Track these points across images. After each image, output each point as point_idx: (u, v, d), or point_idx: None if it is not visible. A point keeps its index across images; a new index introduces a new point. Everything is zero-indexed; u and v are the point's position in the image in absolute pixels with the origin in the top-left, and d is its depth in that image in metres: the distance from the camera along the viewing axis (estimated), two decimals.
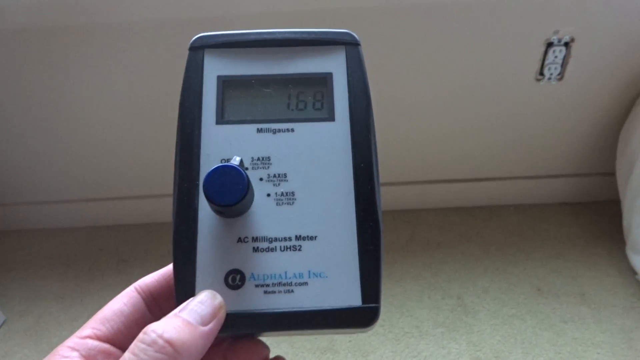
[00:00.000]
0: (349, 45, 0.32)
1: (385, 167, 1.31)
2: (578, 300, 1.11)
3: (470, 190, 1.36)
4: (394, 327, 1.08)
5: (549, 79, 1.15)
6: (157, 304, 0.30)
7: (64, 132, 1.25)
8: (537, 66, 1.13)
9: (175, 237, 0.28)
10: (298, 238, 0.29)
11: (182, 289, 0.28)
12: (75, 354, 0.26)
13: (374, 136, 0.31)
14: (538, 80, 1.15)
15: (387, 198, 1.33)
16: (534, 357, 1.00)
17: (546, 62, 1.12)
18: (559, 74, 1.14)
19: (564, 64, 1.13)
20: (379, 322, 0.97)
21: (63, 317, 1.16)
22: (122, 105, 1.20)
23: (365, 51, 0.33)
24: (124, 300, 0.29)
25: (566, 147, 1.29)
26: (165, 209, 1.38)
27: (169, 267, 0.31)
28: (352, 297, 0.28)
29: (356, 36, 0.33)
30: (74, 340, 0.27)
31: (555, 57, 1.11)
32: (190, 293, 0.27)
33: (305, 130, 0.31)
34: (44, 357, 0.26)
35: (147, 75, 1.15)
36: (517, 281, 1.16)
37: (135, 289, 0.30)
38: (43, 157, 1.30)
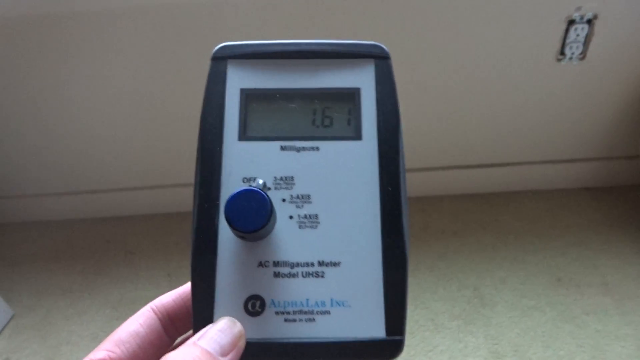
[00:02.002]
0: (379, 58, 0.31)
1: None
2: (600, 290, 1.07)
3: (487, 176, 1.32)
4: (408, 320, 1.04)
5: (570, 58, 1.09)
6: (174, 324, 0.29)
7: (69, 124, 1.23)
8: (558, 45, 1.08)
9: (194, 259, 0.28)
10: (321, 264, 0.28)
11: (200, 314, 0.27)
12: None
13: (403, 158, 0.29)
14: (559, 60, 1.10)
15: None
16: (554, 351, 0.97)
17: (567, 40, 1.07)
18: (580, 53, 1.09)
19: (586, 43, 1.07)
20: None
21: (71, 311, 1.15)
22: (127, 95, 1.18)
23: (381, 28, 0.29)
24: (140, 321, 0.28)
25: (587, 129, 1.24)
26: (172, 200, 1.37)
27: (187, 286, 0.30)
28: (375, 328, 0.27)
29: (386, 49, 0.31)
30: None
31: (577, 35, 1.06)
32: (209, 318, 0.27)
33: (331, 149, 0.29)
34: (53, 351, 0.24)
35: (150, 63, 1.12)
36: (536, 271, 1.12)
37: (152, 309, 0.29)
38: (48, 149, 1.28)
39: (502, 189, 1.34)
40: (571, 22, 1.04)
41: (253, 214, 0.26)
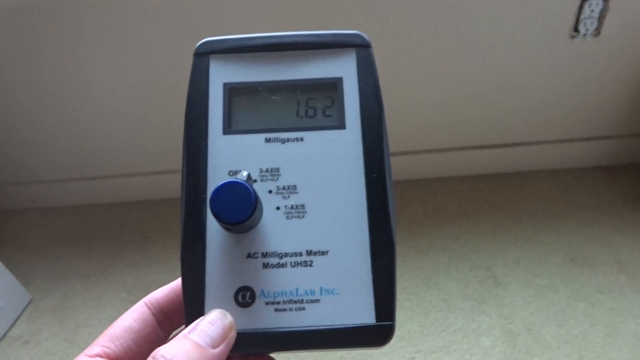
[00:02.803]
0: (360, 47, 0.31)
1: (410, 134, 1.27)
2: (615, 269, 1.07)
3: (499, 156, 1.31)
4: (421, 301, 1.05)
5: (584, 35, 1.08)
6: (168, 319, 0.30)
7: (85, 111, 1.24)
8: (572, 22, 1.06)
9: (184, 254, 0.28)
10: (309, 253, 0.28)
11: (191, 307, 0.27)
12: None
13: (387, 144, 0.29)
14: (572, 37, 1.08)
15: (412, 166, 1.30)
16: (568, 330, 0.97)
17: (581, 17, 1.05)
18: (595, 30, 1.07)
19: (600, 19, 1.05)
20: (405, 295, 0.94)
21: (88, 295, 1.17)
22: (142, 80, 1.18)
23: (389, 9, 0.29)
24: (134, 316, 0.29)
25: (601, 107, 1.22)
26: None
27: (178, 281, 0.30)
28: (365, 314, 0.27)
29: (367, 37, 0.31)
30: (82, 358, 0.26)
31: (592, 11, 1.04)
32: (200, 311, 0.27)
33: (315, 139, 0.30)
34: (71, 334, 0.25)
35: (164, 48, 1.12)
36: (549, 250, 1.12)
37: (145, 304, 0.29)
38: (64, 135, 1.29)
39: (515, 169, 1.33)
40: None
41: (238, 205, 0.26)
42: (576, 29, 1.07)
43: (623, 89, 1.18)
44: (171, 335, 0.29)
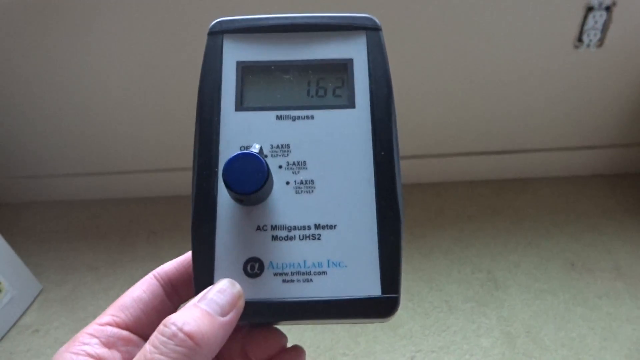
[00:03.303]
0: (370, 30, 0.32)
1: (415, 139, 1.29)
2: (613, 275, 1.09)
3: (502, 162, 1.33)
4: (423, 302, 1.07)
5: (588, 45, 1.10)
6: (176, 291, 0.30)
7: (97, 106, 1.26)
8: (576, 32, 1.08)
9: (194, 225, 0.28)
10: (317, 227, 0.28)
11: (200, 277, 0.27)
12: (95, 340, 0.26)
13: (395, 124, 0.30)
14: (576, 47, 1.10)
15: (416, 171, 1.33)
16: (566, 333, 0.99)
17: (585, 27, 1.07)
18: (598, 40, 1.09)
19: (604, 30, 1.07)
20: (408, 296, 0.96)
21: (97, 287, 1.19)
22: (153, 77, 1.20)
23: (397, 19, 0.31)
24: (143, 288, 0.29)
25: (603, 116, 1.24)
26: None
27: (188, 255, 0.30)
28: (371, 287, 0.27)
29: (377, 21, 0.32)
30: (93, 327, 0.27)
31: (596, 22, 1.06)
32: (209, 281, 0.27)
33: (325, 118, 0.30)
34: (81, 324, 0.26)
35: (174, 44, 1.14)
36: (549, 256, 1.14)
37: (154, 276, 0.30)
38: (77, 130, 1.32)
39: (517, 176, 1.35)
40: (590, 9, 1.05)
41: (250, 176, 0.26)
42: (580, 39, 1.09)
43: (624, 98, 1.20)
44: (180, 308, 0.29)
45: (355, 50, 0.31)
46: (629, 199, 1.26)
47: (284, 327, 0.29)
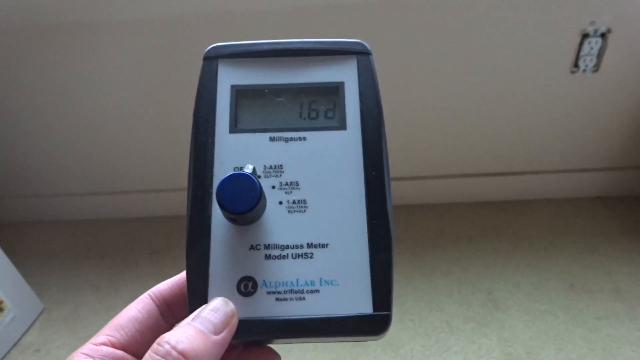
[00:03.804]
0: (361, 54, 0.32)
1: (416, 160, 1.31)
2: (612, 296, 1.09)
3: (502, 184, 1.35)
4: (423, 322, 1.08)
5: (584, 70, 1.12)
6: (171, 311, 0.30)
7: (103, 126, 1.28)
8: (572, 58, 1.11)
9: (189, 245, 0.29)
10: (310, 246, 0.29)
11: (194, 296, 0.28)
12: None
13: (386, 145, 0.31)
14: (572, 72, 1.13)
15: (417, 191, 1.34)
16: (566, 354, 0.99)
17: (581, 53, 1.10)
18: (594, 66, 1.12)
19: (599, 56, 1.10)
20: (408, 316, 0.97)
21: (99, 306, 1.20)
22: (155, 98, 1.22)
23: (398, 44, 0.33)
24: (138, 307, 0.29)
25: (600, 140, 1.26)
26: None
27: (182, 274, 0.31)
28: (363, 304, 0.28)
29: (367, 46, 0.33)
30: (89, 347, 0.27)
31: (591, 48, 1.09)
32: (203, 300, 0.28)
33: (317, 139, 0.31)
34: (82, 344, 0.27)
35: (172, 66, 1.16)
36: (549, 277, 1.15)
37: (149, 296, 0.30)
38: (81, 150, 1.34)
39: (517, 197, 1.36)
40: (585, 36, 1.07)
41: (243, 196, 0.27)
42: (576, 65, 1.12)
43: (621, 122, 1.22)
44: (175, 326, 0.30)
45: (346, 74, 0.32)
46: (627, 221, 1.27)
47: (278, 346, 0.30)
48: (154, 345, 0.24)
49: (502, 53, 1.11)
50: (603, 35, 1.07)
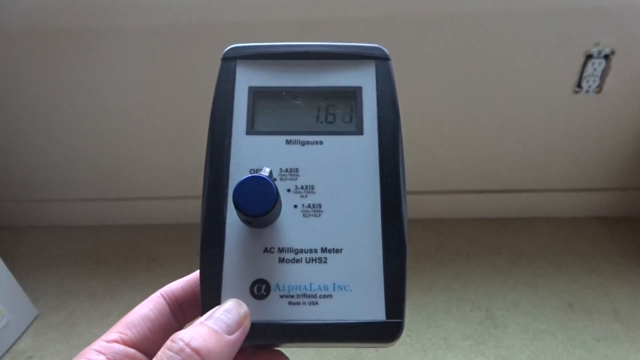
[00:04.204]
0: (379, 59, 0.32)
1: (417, 176, 1.31)
2: (611, 317, 1.09)
3: (502, 201, 1.35)
4: (421, 338, 1.07)
5: (587, 91, 1.13)
6: (182, 310, 0.30)
7: (100, 133, 1.28)
8: (576, 78, 1.12)
9: (203, 245, 0.29)
10: (324, 250, 0.29)
11: (208, 296, 0.28)
12: (102, 357, 0.26)
13: (402, 151, 0.31)
14: (575, 92, 1.13)
15: (417, 207, 1.34)
16: None
17: (585, 74, 1.10)
18: (597, 87, 1.12)
19: (603, 77, 1.11)
20: (406, 332, 0.96)
21: (94, 313, 1.19)
22: (156, 106, 1.22)
23: (403, 62, 0.32)
24: (150, 306, 0.29)
25: (602, 160, 1.26)
26: (195, 211, 1.40)
27: (195, 274, 0.31)
28: (376, 311, 0.28)
29: (386, 51, 0.33)
30: (100, 343, 0.27)
31: (595, 69, 1.09)
32: (216, 301, 0.28)
33: (334, 143, 0.31)
34: (76, 351, 0.26)
35: (181, 74, 1.16)
36: (548, 296, 1.15)
37: (161, 294, 0.30)
38: (80, 156, 1.33)
39: (517, 215, 1.36)
40: (589, 57, 1.08)
41: (259, 199, 0.27)
42: (579, 85, 1.12)
43: (622, 143, 1.22)
44: (186, 326, 0.29)
45: (364, 79, 0.32)
46: (627, 242, 1.27)
47: (287, 350, 0.29)
48: (168, 342, 0.24)
49: (507, 72, 1.12)
50: (606, 57, 1.08)
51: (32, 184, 1.40)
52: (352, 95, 0.32)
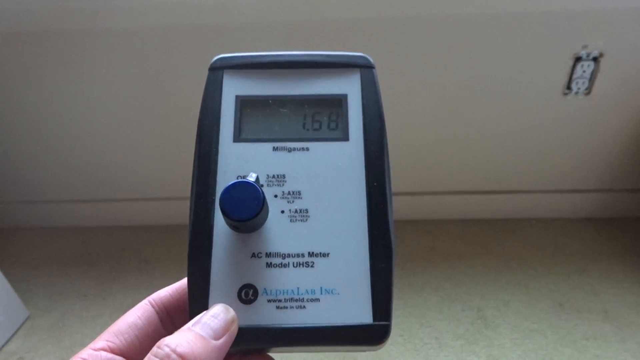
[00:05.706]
0: (364, 68, 0.33)
1: (408, 177, 1.32)
2: (600, 317, 1.10)
3: (493, 202, 1.36)
4: (413, 338, 1.08)
5: (576, 93, 1.14)
6: (170, 318, 0.30)
7: (91, 133, 1.28)
8: (565, 80, 1.13)
9: (191, 251, 0.29)
10: (311, 254, 0.29)
11: (195, 302, 0.28)
12: None
13: (387, 156, 0.31)
14: (565, 94, 1.15)
15: (409, 208, 1.35)
16: None
17: (574, 76, 1.12)
18: (586, 89, 1.14)
19: (591, 79, 1.12)
20: (398, 332, 0.96)
21: (85, 314, 1.18)
22: (147, 108, 1.22)
23: (391, 65, 0.33)
24: (138, 314, 0.29)
25: (591, 162, 1.28)
26: (187, 212, 1.40)
27: (183, 282, 0.31)
28: (363, 314, 0.28)
29: (371, 59, 0.33)
30: (87, 351, 0.27)
31: (584, 71, 1.11)
32: (204, 306, 0.28)
33: (320, 150, 0.31)
34: (66, 353, 0.26)
35: (172, 76, 1.17)
36: (538, 295, 1.15)
37: (149, 302, 0.30)
38: (70, 157, 1.33)
39: (508, 216, 1.37)
40: (578, 59, 1.09)
41: (246, 203, 0.27)
42: (569, 87, 1.14)
43: (611, 145, 1.24)
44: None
45: (349, 87, 0.32)
46: (616, 243, 1.29)
47: (276, 354, 0.29)
48: (154, 348, 0.24)
49: (496, 74, 1.13)
50: (595, 59, 1.09)
51: (22, 186, 1.40)
52: (338, 102, 0.32)
